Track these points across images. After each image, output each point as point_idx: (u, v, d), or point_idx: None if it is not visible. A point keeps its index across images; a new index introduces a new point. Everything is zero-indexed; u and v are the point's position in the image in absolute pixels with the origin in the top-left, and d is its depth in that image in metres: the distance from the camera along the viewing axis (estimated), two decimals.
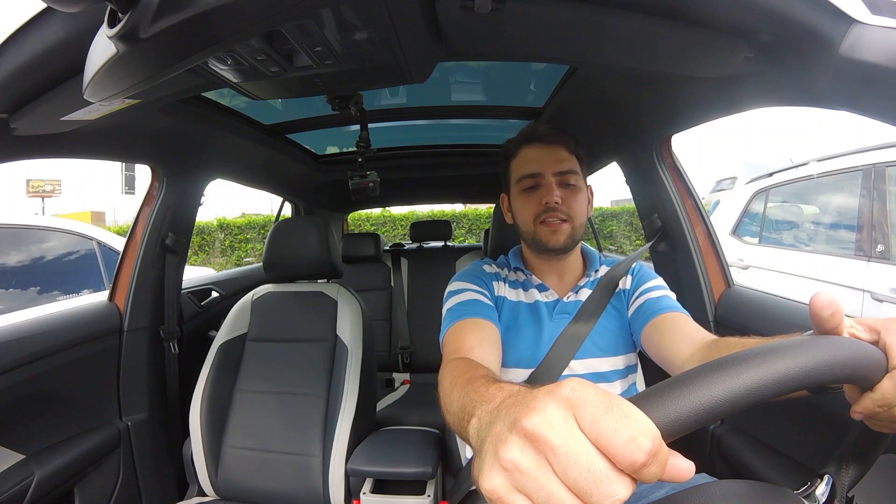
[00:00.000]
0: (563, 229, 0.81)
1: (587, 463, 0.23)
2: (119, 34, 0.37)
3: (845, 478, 0.36)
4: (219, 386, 1.14)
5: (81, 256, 2.26)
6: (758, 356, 0.28)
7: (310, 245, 1.20)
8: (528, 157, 0.84)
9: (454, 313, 0.80)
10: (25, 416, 0.98)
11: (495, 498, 0.25)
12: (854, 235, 2.41)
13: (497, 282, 0.88)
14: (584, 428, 0.24)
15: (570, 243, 0.82)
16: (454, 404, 0.49)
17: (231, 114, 1.23)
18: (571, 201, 0.82)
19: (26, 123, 0.71)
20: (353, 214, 3.88)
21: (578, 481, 0.23)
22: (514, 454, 0.25)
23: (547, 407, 0.25)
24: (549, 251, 0.84)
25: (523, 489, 0.25)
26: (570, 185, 0.82)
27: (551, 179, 0.81)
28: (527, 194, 0.84)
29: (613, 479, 0.23)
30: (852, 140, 2.63)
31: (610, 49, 0.66)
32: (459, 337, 0.74)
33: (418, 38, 0.60)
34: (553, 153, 0.83)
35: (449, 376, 0.57)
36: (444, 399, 0.55)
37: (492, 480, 0.26)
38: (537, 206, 0.82)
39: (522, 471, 0.24)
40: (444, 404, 0.54)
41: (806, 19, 0.49)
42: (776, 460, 0.85)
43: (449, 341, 0.75)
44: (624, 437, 0.23)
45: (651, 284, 0.84)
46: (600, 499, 0.23)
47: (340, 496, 1.03)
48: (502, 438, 0.26)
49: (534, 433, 0.25)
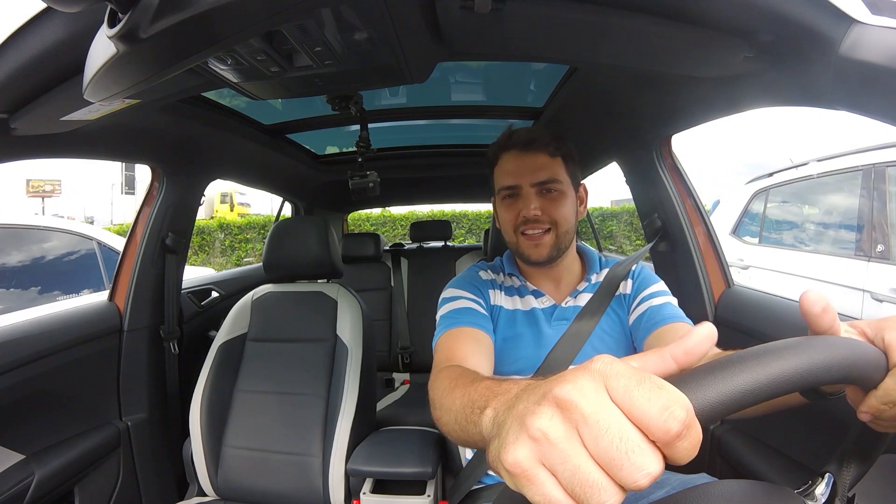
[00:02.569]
0: (545, 241, 0.80)
1: (619, 432, 0.22)
2: (119, 34, 0.37)
3: (846, 476, 0.36)
4: (219, 386, 1.14)
5: (81, 256, 2.26)
6: (763, 352, 0.28)
7: (310, 245, 1.20)
8: (506, 168, 0.83)
9: (448, 320, 0.79)
10: (25, 416, 0.98)
11: (519, 472, 0.24)
12: (854, 235, 2.41)
13: (493, 290, 0.87)
14: (617, 398, 0.23)
15: (556, 253, 0.81)
16: (456, 403, 0.48)
17: (231, 114, 1.23)
18: (553, 209, 0.80)
19: (26, 123, 0.71)
20: (353, 214, 3.88)
21: (609, 451, 0.22)
22: (544, 422, 0.24)
23: (578, 378, 0.25)
24: (532, 264, 0.83)
25: (549, 462, 0.24)
26: (552, 192, 0.81)
27: (529, 190, 0.80)
28: (507, 203, 0.83)
29: (646, 451, 0.22)
30: (852, 140, 2.63)
31: (610, 49, 0.66)
32: (452, 345, 0.73)
33: (418, 38, 0.60)
34: (530, 161, 0.80)
35: (446, 380, 0.57)
36: (442, 399, 0.54)
37: (516, 452, 0.25)
38: (515, 217, 0.81)
39: (551, 440, 0.24)
40: (441, 404, 0.54)
41: (806, 19, 0.49)
42: (776, 460, 0.85)
43: (442, 348, 0.74)
44: (658, 405, 0.22)
45: (653, 290, 0.83)
46: (630, 471, 0.22)
47: (340, 496, 1.03)
48: (530, 410, 0.26)
49: (565, 401, 0.24)
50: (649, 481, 0.22)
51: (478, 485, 0.84)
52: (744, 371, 0.26)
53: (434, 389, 0.59)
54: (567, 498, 0.23)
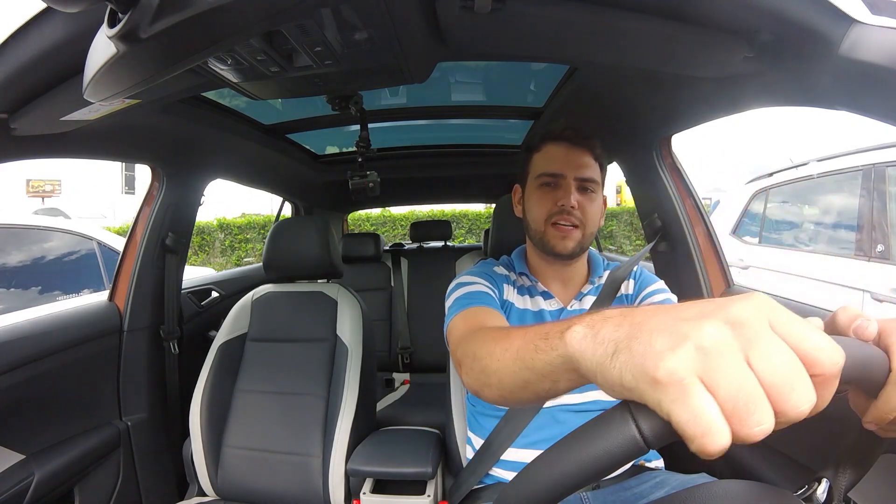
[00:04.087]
0: (574, 235, 0.79)
1: (790, 356, 0.22)
2: (119, 34, 0.37)
3: (842, 481, 0.36)
4: (219, 386, 1.14)
5: (82, 256, 2.26)
6: None
7: (310, 245, 1.20)
8: (551, 155, 0.82)
9: (464, 300, 0.74)
10: (25, 416, 0.98)
11: (675, 381, 0.23)
12: (854, 235, 2.41)
13: (507, 285, 0.86)
14: (785, 329, 0.23)
15: (578, 250, 0.81)
16: (515, 342, 0.42)
17: (231, 114, 1.23)
18: (587, 208, 0.80)
19: (26, 123, 0.71)
20: (353, 214, 3.87)
21: (780, 374, 0.22)
22: (715, 333, 0.23)
23: (749, 301, 0.24)
24: (555, 255, 0.82)
25: (710, 378, 0.22)
26: (588, 192, 0.81)
27: (571, 183, 0.79)
28: (543, 191, 0.82)
29: (809, 381, 0.22)
30: (852, 140, 2.63)
31: (610, 49, 0.66)
32: (477, 319, 0.68)
33: (418, 38, 0.60)
34: (578, 156, 0.81)
35: (490, 332, 0.50)
36: (493, 347, 0.46)
37: (676, 360, 0.23)
38: (552, 205, 0.80)
39: (722, 352, 0.23)
40: (492, 352, 0.46)
41: (806, 19, 0.49)
42: (776, 460, 0.85)
43: (460, 324, 0.68)
44: (826, 340, 0.23)
45: (653, 289, 0.84)
46: (798, 397, 0.22)
47: (340, 496, 1.03)
48: (691, 323, 0.24)
49: (739, 318, 0.23)
50: (807, 413, 0.22)
51: (478, 485, 0.84)
52: None
53: (474, 345, 0.52)
54: (720, 417, 0.22)
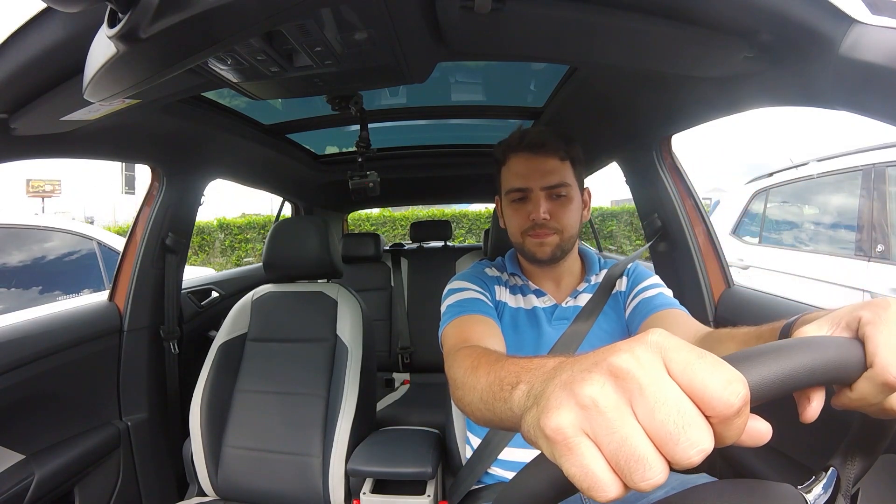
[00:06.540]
0: (551, 241, 0.80)
1: (677, 405, 0.21)
2: (119, 34, 0.37)
3: (851, 471, 0.35)
4: (219, 386, 1.14)
5: (82, 256, 2.26)
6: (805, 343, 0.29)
7: (310, 245, 1.20)
8: (516, 170, 0.82)
9: (456, 309, 0.78)
10: (25, 416, 0.98)
11: (560, 439, 0.23)
12: (854, 235, 2.41)
13: (499, 286, 0.88)
14: (676, 371, 0.23)
15: (559, 254, 0.82)
16: (481, 381, 0.46)
17: (231, 114, 1.23)
18: (561, 214, 0.80)
19: (26, 123, 0.71)
20: (353, 214, 3.88)
21: (666, 425, 0.21)
22: (595, 389, 0.23)
23: (636, 348, 0.24)
24: (537, 262, 0.83)
25: (594, 431, 0.22)
26: (561, 197, 0.80)
27: (539, 194, 0.79)
28: (514, 207, 0.83)
29: (703, 426, 0.21)
30: (852, 140, 2.63)
31: (610, 49, 0.66)
32: (465, 329, 0.72)
33: (418, 38, 0.60)
34: (542, 164, 0.80)
35: (467, 359, 0.55)
36: (465, 378, 0.52)
37: (560, 418, 0.23)
38: (524, 219, 0.81)
39: (600, 408, 0.22)
40: (464, 383, 0.51)
41: (806, 19, 0.49)
42: (776, 460, 0.85)
43: (452, 334, 0.73)
44: (721, 380, 0.22)
45: (646, 283, 0.84)
46: (686, 446, 0.21)
47: (340, 496, 1.03)
48: (578, 378, 0.24)
49: (622, 370, 0.23)
50: (701, 458, 0.21)
51: (478, 485, 0.85)
52: (793, 356, 0.27)
53: (454, 369, 0.57)
54: (608, 471, 0.22)
